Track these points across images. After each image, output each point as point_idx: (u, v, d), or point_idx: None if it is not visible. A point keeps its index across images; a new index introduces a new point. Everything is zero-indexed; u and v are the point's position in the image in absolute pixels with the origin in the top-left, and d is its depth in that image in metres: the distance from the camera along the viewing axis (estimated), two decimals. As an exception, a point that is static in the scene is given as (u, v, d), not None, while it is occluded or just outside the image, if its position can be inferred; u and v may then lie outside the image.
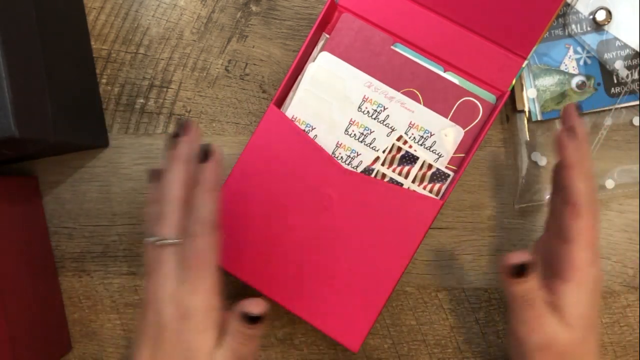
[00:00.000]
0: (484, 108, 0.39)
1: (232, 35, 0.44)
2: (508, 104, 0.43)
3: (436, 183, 0.39)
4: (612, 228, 0.43)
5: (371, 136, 0.40)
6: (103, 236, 0.44)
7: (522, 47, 0.38)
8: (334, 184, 0.39)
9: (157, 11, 0.44)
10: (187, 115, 0.44)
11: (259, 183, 0.39)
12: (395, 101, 0.39)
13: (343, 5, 0.39)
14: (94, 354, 0.45)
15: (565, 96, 0.42)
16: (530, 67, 0.41)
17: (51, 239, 0.44)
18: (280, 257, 0.39)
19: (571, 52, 0.42)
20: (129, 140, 0.44)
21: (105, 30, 0.44)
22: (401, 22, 0.39)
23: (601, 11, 0.40)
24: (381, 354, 0.44)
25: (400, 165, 0.40)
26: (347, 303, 0.39)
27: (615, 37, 0.41)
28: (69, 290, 0.44)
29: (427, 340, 0.44)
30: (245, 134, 0.44)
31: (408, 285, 0.44)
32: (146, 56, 0.44)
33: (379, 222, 0.38)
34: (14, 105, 0.31)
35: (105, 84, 0.44)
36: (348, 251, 0.39)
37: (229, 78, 0.44)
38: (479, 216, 0.44)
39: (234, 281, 0.44)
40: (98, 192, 0.44)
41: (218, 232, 0.31)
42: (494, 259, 0.44)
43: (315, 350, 0.44)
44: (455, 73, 0.39)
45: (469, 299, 0.44)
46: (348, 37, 0.39)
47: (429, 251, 0.44)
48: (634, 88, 0.41)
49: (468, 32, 0.39)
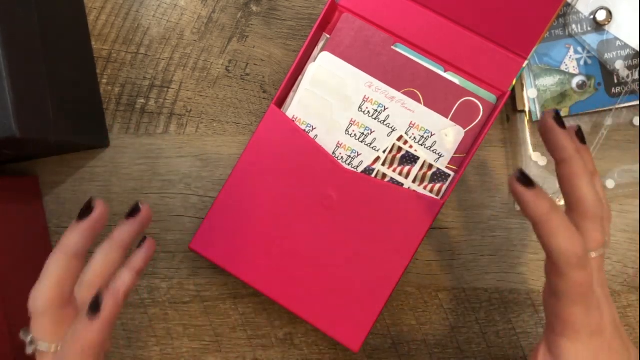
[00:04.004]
0: (484, 108, 0.39)
1: (232, 35, 0.44)
2: (508, 104, 0.43)
3: (436, 183, 0.39)
4: (612, 228, 0.43)
5: (372, 136, 0.40)
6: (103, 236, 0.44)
7: (522, 47, 0.38)
8: (335, 184, 0.39)
9: (157, 11, 0.44)
10: (188, 115, 0.44)
11: (259, 183, 0.39)
12: (396, 101, 0.39)
13: (343, 5, 0.39)
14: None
15: (566, 96, 0.42)
16: (531, 67, 0.42)
17: (52, 239, 0.44)
18: (281, 257, 0.39)
19: (572, 52, 0.42)
20: (129, 140, 0.44)
21: (105, 31, 0.44)
22: (402, 22, 0.39)
23: (601, 11, 0.41)
24: (381, 354, 0.44)
25: (400, 165, 0.40)
26: (347, 303, 0.39)
27: (615, 37, 0.41)
28: (69, 290, 0.44)
29: (428, 340, 0.44)
30: (245, 134, 0.44)
31: (408, 285, 0.44)
32: (147, 56, 0.44)
33: (379, 222, 0.38)
34: (15, 106, 0.31)
35: (105, 84, 0.44)
36: (348, 251, 0.39)
37: (229, 78, 0.44)
38: (479, 216, 0.44)
39: (234, 281, 0.44)
40: (98, 192, 0.44)
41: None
42: (494, 259, 0.44)
43: (316, 350, 0.44)
44: (455, 73, 0.39)
45: (469, 299, 0.44)
46: (348, 37, 0.39)
47: (429, 251, 0.44)
48: (635, 88, 0.41)
49: (469, 32, 0.39)
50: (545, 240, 0.28)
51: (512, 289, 0.44)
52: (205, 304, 0.44)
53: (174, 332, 0.44)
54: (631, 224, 0.43)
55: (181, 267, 0.44)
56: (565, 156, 0.30)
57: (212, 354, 0.44)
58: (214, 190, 0.44)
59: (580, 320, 0.29)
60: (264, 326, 0.44)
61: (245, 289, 0.44)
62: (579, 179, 0.30)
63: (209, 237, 0.39)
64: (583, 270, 0.28)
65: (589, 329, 0.29)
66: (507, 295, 0.44)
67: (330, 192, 0.39)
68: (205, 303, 0.44)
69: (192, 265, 0.44)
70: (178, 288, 0.44)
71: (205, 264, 0.44)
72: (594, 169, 0.33)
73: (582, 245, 0.28)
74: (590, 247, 0.30)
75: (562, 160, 0.30)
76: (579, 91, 0.42)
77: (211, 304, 0.44)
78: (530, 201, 0.28)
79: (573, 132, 0.32)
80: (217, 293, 0.44)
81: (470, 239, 0.44)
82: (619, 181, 0.43)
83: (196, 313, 0.44)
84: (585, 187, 0.30)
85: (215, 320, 0.44)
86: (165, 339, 0.44)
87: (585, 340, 0.30)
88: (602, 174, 0.43)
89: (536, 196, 0.28)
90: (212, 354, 0.44)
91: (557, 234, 0.28)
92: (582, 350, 0.30)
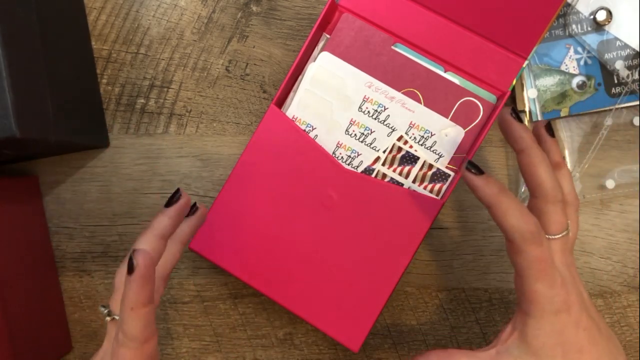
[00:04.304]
0: (484, 108, 0.39)
1: (232, 36, 0.44)
2: (508, 104, 0.43)
3: (437, 183, 0.39)
4: (612, 228, 0.44)
5: (372, 136, 0.40)
6: (104, 236, 0.44)
7: (522, 47, 0.38)
8: (335, 184, 0.39)
9: (157, 11, 0.44)
10: (188, 115, 0.44)
11: (259, 183, 0.39)
12: (396, 101, 0.39)
13: (343, 5, 0.39)
14: (94, 354, 0.45)
15: (566, 96, 0.42)
16: (531, 67, 0.42)
17: (52, 239, 0.44)
18: (281, 257, 0.39)
19: (572, 52, 0.42)
20: (129, 140, 0.44)
21: (105, 30, 0.44)
22: (402, 22, 0.39)
23: (602, 11, 0.41)
24: (381, 354, 0.44)
25: (400, 165, 0.40)
26: (347, 303, 0.39)
27: (615, 37, 0.41)
28: (69, 290, 0.44)
29: (428, 340, 0.44)
30: (245, 134, 0.44)
31: (408, 285, 0.44)
32: (147, 56, 0.44)
33: (379, 222, 0.38)
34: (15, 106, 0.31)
35: (105, 84, 0.44)
36: (348, 251, 0.39)
37: (229, 78, 0.44)
38: (479, 216, 0.44)
39: (234, 281, 0.44)
40: (99, 192, 0.44)
41: (149, 344, 0.30)
42: (494, 259, 0.44)
43: (316, 350, 0.44)
44: (455, 73, 0.39)
45: (469, 299, 0.44)
46: (348, 37, 0.39)
47: (429, 251, 0.44)
48: (635, 88, 0.41)
49: (469, 32, 0.39)
50: (499, 221, 0.31)
51: (512, 289, 0.44)
52: (205, 304, 0.44)
53: (174, 332, 0.44)
54: (631, 224, 0.43)
55: (181, 267, 0.44)
56: (523, 146, 0.32)
57: (212, 354, 0.44)
58: (214, 190, 0.44)
59: (543, 297, 0.30)
60: (264, 326, 0.44)
61: (245, 289, 0.44)
62: (537, 166, 0.32)
63: (209, 237, 0.39)
64: (539, 245, 0.30)
65: (553, 306, 0.30)
66: (507, 295, 0.44)
67: (330, 192, 0.39)
68: (205, 303, 0.44)
69: (192, 265, 0.44)
70: (178, 288, 0.44)
71: (205, 264, 0.44)
72: (559, 160, 0.35)
73: (534, 222, 0.30)
74: (552, 229, 0.32)
75: (520, 151, 0.32)
76: (579, 91, 0.42)
77: (211, 304, 0.44)
78: (480, 185, 0.31)
79: (542, 125, 0.35)
80: (217, 293, 0.44)
81: (470, 239, 0.44)
82: (619, 181, 0.43)
83: (196, 313, 0.44)
84: (543, 172, 0.32)
85: (215, 320, 0.44)
86: (165, 338, 0.44)
87: (550, 318, 0.31)
88: (602, 174, 0.43)
89: (486, 181, 0.31)
90: (212, 354, 0.44)
91: (508, 213, 0.30)
92: (546, 326, 0.31)
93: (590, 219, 0.44)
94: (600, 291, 0.44)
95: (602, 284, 0.44)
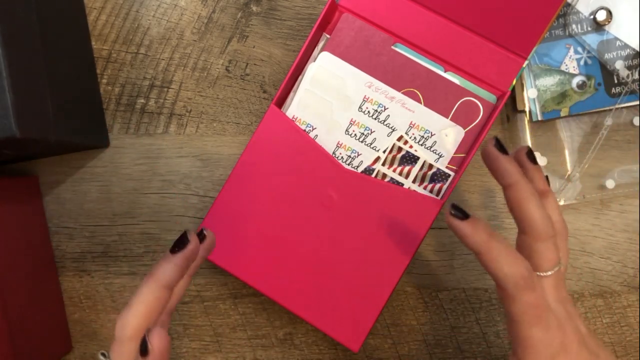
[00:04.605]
0: (484, 108, 0.39)
1: (232, 36, 0.44)
2: (508, 104, 0.43)
3: (437, 183, 0.39)
4: (612, 228, 0.44)
5: (372, 136, 0.40)
6: (104, 236, 0.44)
7: (522, 47, 0.38)
8: (335, 184, 0.39)
9: (157, 11, 0.44)
10: (188, 115, 0.44)
11: (259, 183, 0.39)
12: (396, 101, 0.39)
13: (343, 5, 0.39)
14: (94, 354, 0.45)
15: (566, 96, 0.42)
16: (531, 67, 0.42)
17: (52, 239, 0.44)
18: (281, 257, 0.39)
19: (572, 52, 0.42)
20: (129, 140, 0.44)
21: (105, 30, 0.44)
22: (402, 22, 0.39)
23: (602, 11, 0.41)
24: (381, 354, 0.44)
25: (400, 165, 0.40)
26: (347, 303, 0.39)
27: (615, 37, 0.41)
28: (69, 290, 0.44)
29: (428, 340, 0.44)
30: (245, 134, 0.44)
31: (408, 285, 0.44)
32: (147, 56, 0.44)
33: (379, 222, 0.38)
34: (15, 106, 0.31)
35: (105, 84, 0.44)
36: (349, 251, 0.39)
37: (229, 78, 0.44)
38: (479, 216, 0.44)
39: (234, 281, 0.44)
40: (99, 192, 0.44)
41: None
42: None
43: (316, 350, 0.44)
44: (455, 73, 0.39)
45: (469, 299, 0.44)
46: (348, 37, 0.39)
47: (429, 251, 0.44)
48: (635, 88, 0.41)
49: (468, 32, 0.39)
50: (489, 269, 0.29)
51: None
52: (205, 304, 0.44)
53: (174, 332, 0.44)
54: (631, 224, 0.43)
55: (181, 267, 0.44)
56: (511, 181, 0.30)
57: (212, 354, 0.44)
58: (214, 190, 0.44)
59: (539, 342, 0.29)
60: (264, 326, 0.44)
61: (245, 289, 0.44)
62: (526, 202, 0.30)
63: (209, 237, 0.39)
64: (532, 291, 0.28)
65: (550, 350, 0.29)
66: (507, 295, 0.44)
67: (330, 192, 0.39)
68: (205, 303, 0.44)
69: (192, 265, 0.44)
70: (178, 288, 0.44)
71: (205, 264, 0.44)
72: (545, 188, 0.33)
73: (526, 267, 0.28)
74: (544, 267, 0.31)
75: (508, 186, 0.30)
76: (579, 91, 0.42)
77: (211, 304, 0.44)
78: (468, 233, 0.29)
79: (523, 153, 0.33)
80: (217, 293, 0.44)
81: (470, 239, 0.44)
82: (619, 181, 0.43)
83: (196, 313, 0.44)
84: (533, 209, 0.30)
85: (215, 320, 0.44)
86: (165, 339, 0.44)
87: (549, 357, 0.29)
88: (602, 174, 0.43)
89: (473, 227, 0.29)
90: (212, 354, 0.44)
91: (499, 260, 0.28)
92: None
93: (590, 219, 0.44)
94: (600, 291, 0.44)
95: (602, 284, 0.44)
